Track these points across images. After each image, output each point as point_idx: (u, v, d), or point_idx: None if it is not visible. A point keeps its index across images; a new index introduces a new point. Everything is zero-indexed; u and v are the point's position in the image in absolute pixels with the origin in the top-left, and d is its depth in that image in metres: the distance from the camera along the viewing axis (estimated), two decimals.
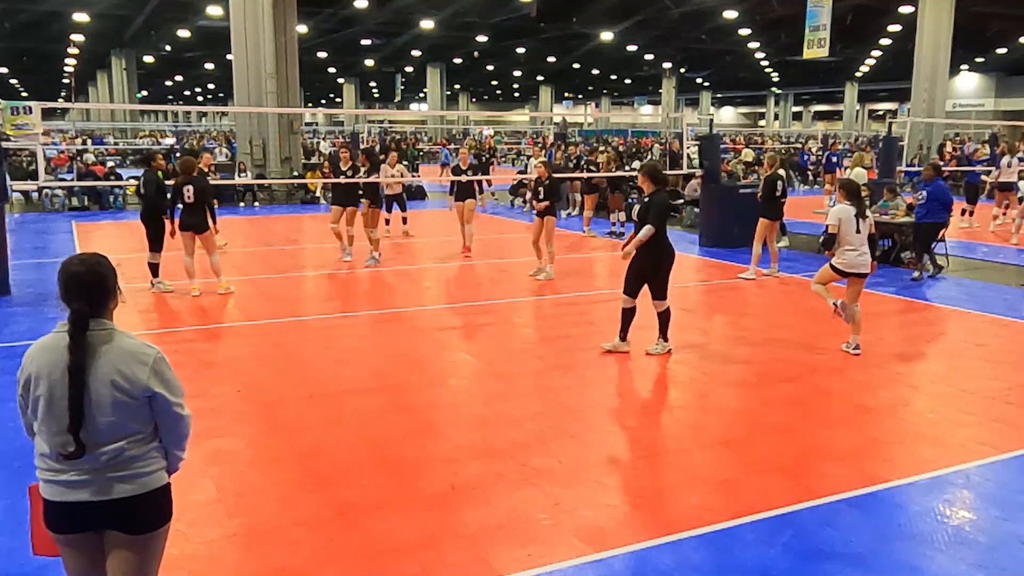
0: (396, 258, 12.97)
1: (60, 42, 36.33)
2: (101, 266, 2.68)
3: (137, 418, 2.65)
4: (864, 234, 7.36)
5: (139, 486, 2.66)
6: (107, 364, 2.59)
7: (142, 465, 2.67)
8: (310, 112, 64.86)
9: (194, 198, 9.78)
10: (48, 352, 2.63)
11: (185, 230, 9.87)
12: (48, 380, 2.60)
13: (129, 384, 2.60)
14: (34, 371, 2.63)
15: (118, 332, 2.67)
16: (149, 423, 2.69)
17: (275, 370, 7.14)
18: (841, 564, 3.97)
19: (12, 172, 18.01)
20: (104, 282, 2.67)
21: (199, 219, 9.84)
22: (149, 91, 57.95)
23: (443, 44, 40.10)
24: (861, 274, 7.43)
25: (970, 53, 40.33)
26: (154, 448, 2.71)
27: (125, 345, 2.65)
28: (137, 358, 2.64)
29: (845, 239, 7.31)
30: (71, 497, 2.62)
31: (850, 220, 7.29)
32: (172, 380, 2.71)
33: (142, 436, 2.67)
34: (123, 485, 2.63)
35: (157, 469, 2.72)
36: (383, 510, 4.48)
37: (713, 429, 5.79)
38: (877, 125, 61.56)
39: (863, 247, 7.36)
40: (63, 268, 2.66)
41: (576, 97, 74.15)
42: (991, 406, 6.23)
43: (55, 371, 2.59)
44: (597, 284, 11.39)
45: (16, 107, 10.23)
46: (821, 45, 21.62)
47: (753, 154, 28.28)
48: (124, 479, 2.64)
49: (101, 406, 2.58)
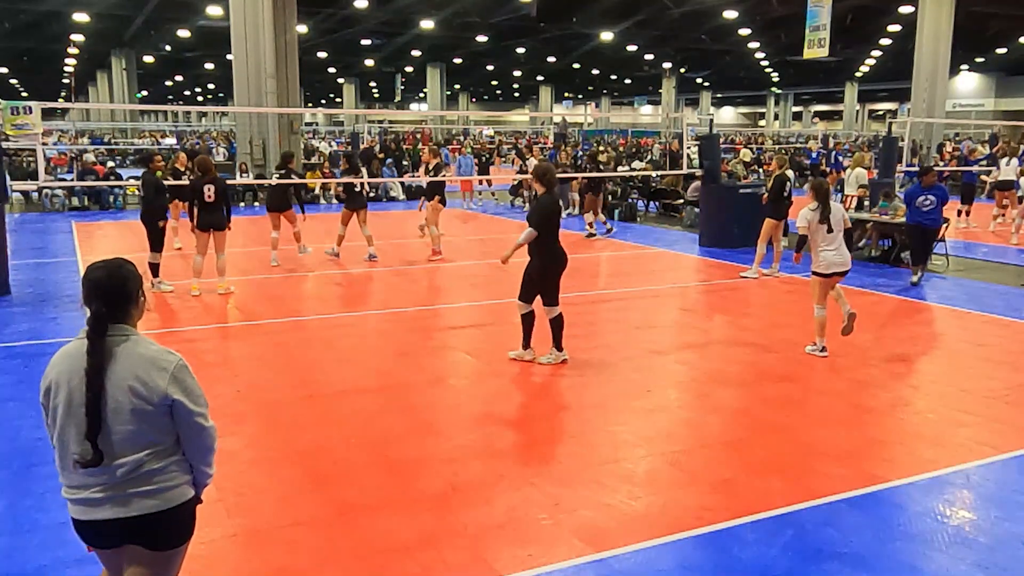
0: (397, 258, 12.96)
1: (60, 42, 36.31)
2: (122, 270, 2.63)
3: (156, 427, 2.58)
4: (838, 231, 7.36)
5: (163, 501, 2.59)
6: (125, 369, 2.54)
7: (164, 479, 2.60)
8: (310, 112, 64.85)
9: (215, 197, 9.80)
10: (69, 359, 2.58)
11: (204, 229, 9.86)
12: (67, 386, 2.55)
13: (147, 391, 2.54)
14: (54, 377, 2.59)
15: (138, 337, 2.62)
16: (170, 434, 2.61)
17: (275, 370, 7.14)
18: (841, 564, 3.97)
19: (12, 172, 18.01)
20: (124, 287, 2.62)
21: (219, 217, 9.86)
22: (149, 91, 57.92)
23: (443, 44, 40.09)
24: (842, 272, 7.46)
25: (970, 53, 40.32)
26: (175, 461, 2.63)
27: (145, 351, 2.59)
28: (157, 364, 2.58)
29: (817, 241, 7.33)
30: (95, 516, 2.57)
31: (817, 221, 7.31)
32: (194, 389, 2.63)
33: (162, 448, 2.60)
34: (146, 500, 2.57)
35: (181, 483, 2.64)
36: (383, 510, 4.48)
37: (713, 429, 5.79)
38: (877, 125, 61.55)
39: (840, 246, 7.38)
40: (86, 274, 2.63)
41: (576, 97, 74.12)
42: (991, 406, 6.23)
43: (74, 377, 2.54)
44: (597, 284, 11.40)
45: (16, 107, 10.22)
46: (821, 45, 21.60)
47: (752, 154, 28.33)
48: (147, 494, 2.57)
49: (119, 413, 2.52)
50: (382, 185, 21.88)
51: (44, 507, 4.42)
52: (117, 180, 20.18)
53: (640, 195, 19.87)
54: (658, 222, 18.06)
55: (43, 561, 3.93)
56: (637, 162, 25.04)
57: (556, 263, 7.00)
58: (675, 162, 20.34)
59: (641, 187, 19.91)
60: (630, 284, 11.02)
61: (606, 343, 7.99)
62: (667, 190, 19.18)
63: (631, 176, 20.13)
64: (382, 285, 11.24)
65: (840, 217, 7.44)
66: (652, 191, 19.67)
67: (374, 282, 11.40)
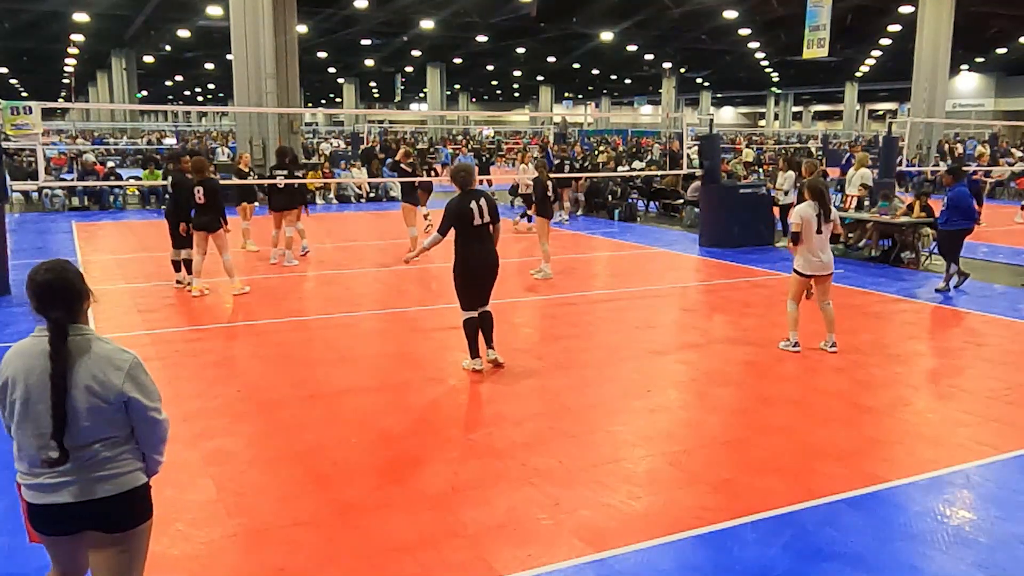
0: (395, 257, 12.95)
1: (60, 42, 36.32)
2: (68, 271, 2.70)
3: (112, 422, 2.67)
4: (826, 235, 7.49)
5: (116, 486, 2.69)
6: (84, 370, 2.62)
7: (116, 465, 2.69)
8: (310, 112, 64.85)
9: (204, 198, 9.82)
10: (25, 357, 2.65)
11: (199, 229, 9.92)
12: (25, 384, 2.63)
13: (104, 389, 2.62)
14: (11, 375, 2.66)
15: (95, 337, 2.69)
16: (124, 427, 2.71)
17: (275, 370, 7.13)
18: (841, 564, 3.97)
19: (12, 172, 17.99)
20: (75, 286, 2.69)
21: (210, 218, 9.88)
22: (149, 91, 57.91)
23: (443, 44, 40.09)
24: (824, 275, 7.55)
25: (970, 53, 40.31)
26: (128, 450, 2.73)
27: (101, 350, 2.66)
28: (113, 363, 2.66)
29: (807, 240, 7.42)
30: (51, 499, 2.66)
31: (812, 219, 7.41)
32: (148, 385, 2.72)
33: (116, 439, 2.70)
34: (100, 485, 2.66)
35: (133, 469, 2.74)
36: (383, 510, 4.48)
37: (713, 429, 5.79)
38: (877, 125, 61.53)
39: (825, 250, 7.49)
40: (31, 279, 2.66)
41: (576, 97, 74.13)
42: (991, 406, 6.23)
43: (31, 376, 2.61)
44: (597, 284, 11.40)
45: (16, 107, 10.23)
46: (821, 45, 21.61)
47: (753, 154, 28.31)
48: (101, 479, 2.67)
49: (78, 411, 2.61)
50: (382, 185, 21.90)
51: None
52: (117, 180, 20.19)
53: (640, 195, 19.88)
54: (658, 222, 18.06)
55: (43, 561, 3.90)
56: (637, 162, 25.04)
57: (461, 268, 6.75)
58: (675, 162, 20.33)
59: (641, 187, 19.91)
60: (630, 284, 11.02)
61: (606, 343, 7.99)
62: (667, 190, 19.19)
63: (632, 176, 20.13)
64: (383, 285, 11.23)
65: (831, 222, 7.54)
66: (652, 191, 19.68)
67: (374, 282, 11.39)
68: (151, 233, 15.83)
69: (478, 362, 6.95)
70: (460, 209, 6.63)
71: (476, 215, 6.62)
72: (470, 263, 6.75)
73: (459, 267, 6.78)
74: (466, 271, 6.78)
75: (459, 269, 6.79)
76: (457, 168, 7.04)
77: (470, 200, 6.64)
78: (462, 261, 6.75)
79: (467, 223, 6.64)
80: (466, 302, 6.85)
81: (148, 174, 20.45)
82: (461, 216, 6.62)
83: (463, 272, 6.79)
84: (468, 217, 6.62)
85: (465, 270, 6.78)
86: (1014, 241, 15.04)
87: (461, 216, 6.62)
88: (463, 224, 6.65)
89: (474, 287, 6.83)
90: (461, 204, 6.65)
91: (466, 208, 6.62)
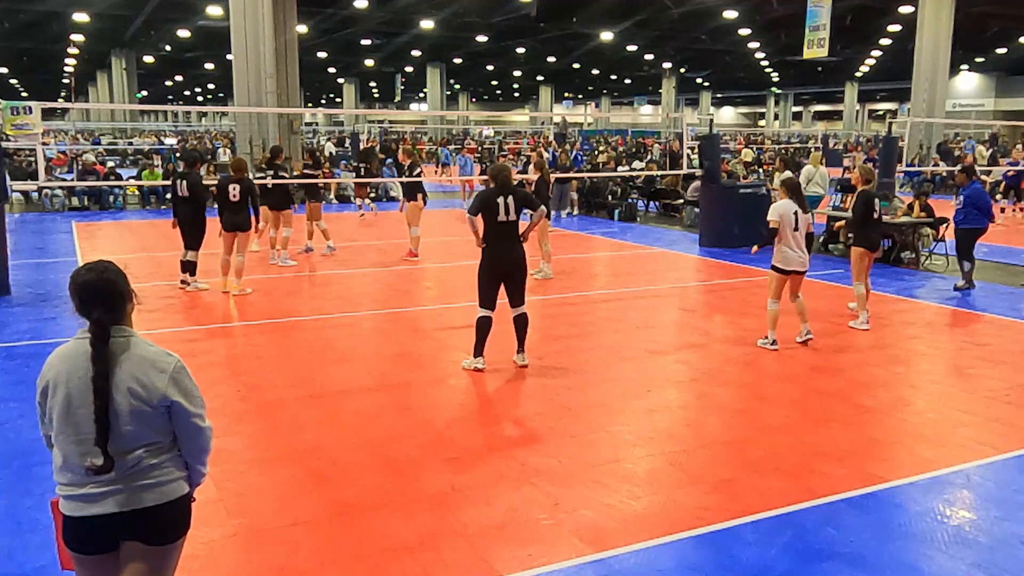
0: (396, 257, 12.96)
1: (60, 42, 36.33)
2: (110, 272, 2.62)
3: (154, 427, 2.58)
4: (802, 232, 7.65)
5: (159, 495, 2.59)
6: (125, 372, 2.54)
7: (160, 474, 2.60)
8: (310, 112, 64.82)
9: (239, 196, 9.84)
10: (67, 359, 2.57)
11: (231, 230, 9.92)
12: (66, 388, 2.55)
13: (146, 392, 2.54)
14: (52, 378, 2.58)
15: (137, 339, 2.62)
16: (167, 434, 2.62)
17: (275, 370, 7.14)
18: (841, 564, 3.97)
19: (12, 172, 18.00)
20: (117, 287, 2.61)
21: (243, 218, 9.90)
22: (149, 91, 57.93)
23: (443, 44, 40.11)
24: (800, 272, 7.70)
25: (970, 53, 40.34)
26: (171, 458, 2.64)
27: (144, 352, 2.59)
28: (156, 366, 2.58)
29: (784, 236, 7.57)
30: (92, 511, 2.55)
31: (789, 216, 7.56)
32: (192, 390, 2.64)
33: (160, 445, 2.61)
34: (144, 494, 2.57)
35: (177, 478, 2.65)
36: (383, 510, 4.48)
37: (713, 429, 5.79)
38: (877, 125, 61.54)
39: (801, 247, 7.65)
40: (73, 279, 2.60)
41: (576, 97, 74.15)
42: (991, 406, 6.23)
43: (73, 379, 2.54)
44: (597, 284, 11.40)
45: (16, 107, 10.22)
46: (821, 45, 21.63)
47: (753, 154, 28.32)
48: (145, 488, 2.57)
49: (120, 415, 2.52)
50: (382, 185, 21.90)
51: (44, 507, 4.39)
52: (117, 180, 20.18)
53: (640, 195, 19.88)
54: (658, 222, 18.06)
55: (43, 561, 3.93)
56: (637, 162, 25.04)
57: (488, 262, 6.91)
58: (675, 162, 20.34)
59: (642, 187, 19.92)
60: (630, 284, 11.02)
61: (606, 343, 7.99)
62: (667, 190, 19.19)
63: (632, 176, 20.14)
64: (383, 285, 11.23)
65: (806, 220, 7.73)
66: (652, 191, 19.68)
67: (374, 282, 11.39)
68: (151, 233, 15.86)
69: (479, 361, 6.98)
70: (488, 199, 6.83)
71: (502, 211, 6.79)
72: (492, 259, 6.90)
73: (483, 262, 6.97)
74: (487, 266, 6.95)
75: (482, 263, 6.97)
76: (494, 167, 7.31)
77: (499, 195, 6.82)
78: (487, 256, 6.94)
79: (492, 216, 6.82)
80: (483, 298, 6.95)
81: (148, 174, 20.45)
82: (487, 205, 6.81)
83: (484, 267, 6.96)
84: (494, 210, 6.79)
85: (486, 265, 6.95)
86: (1014, 241, 15.04)
87: (487, 205, 6.81)
88: (489, 216, 6.83)
89: (493, 283, 6.94)
90: (490, 195, 6.86)
91: (493, 200, 6.80)
